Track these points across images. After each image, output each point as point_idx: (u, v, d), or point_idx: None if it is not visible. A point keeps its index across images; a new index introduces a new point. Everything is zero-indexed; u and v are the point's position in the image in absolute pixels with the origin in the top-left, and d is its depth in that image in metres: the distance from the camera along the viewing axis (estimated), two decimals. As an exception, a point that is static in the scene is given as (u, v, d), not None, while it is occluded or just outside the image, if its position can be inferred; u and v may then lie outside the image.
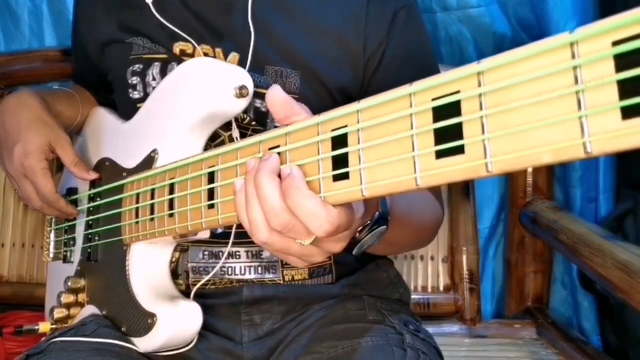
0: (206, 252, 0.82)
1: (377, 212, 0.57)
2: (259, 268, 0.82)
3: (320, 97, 0.80)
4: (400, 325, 0.74)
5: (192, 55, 0.83)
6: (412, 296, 1.04)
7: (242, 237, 0.80)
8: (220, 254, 0.81)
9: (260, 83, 0.79)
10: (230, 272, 0.81)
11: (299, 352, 0.73)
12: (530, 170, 1.43)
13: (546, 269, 1.47)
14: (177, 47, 0.83)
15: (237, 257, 0.82)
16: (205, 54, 0.82)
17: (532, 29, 1.44)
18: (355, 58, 0.80)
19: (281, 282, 0.82)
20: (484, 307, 1.49)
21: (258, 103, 0.79)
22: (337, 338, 0.70)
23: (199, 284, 0.79)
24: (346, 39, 0.79)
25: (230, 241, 0.78)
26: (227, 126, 0.77)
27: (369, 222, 0.57)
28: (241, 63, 0.80)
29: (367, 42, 0.79)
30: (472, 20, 1.48)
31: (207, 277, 0.80)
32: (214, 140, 0.78)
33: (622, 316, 1.30)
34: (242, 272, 0.82)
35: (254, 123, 0.79)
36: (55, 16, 1.55)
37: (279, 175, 0.48)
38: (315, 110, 0.79)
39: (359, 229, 0.57)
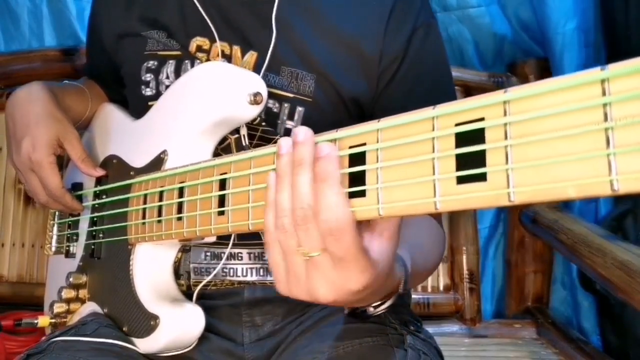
0: (208, 253, 0.82)
1: (399, 292, 0.56)
2: (261, 270, 0.82)
3: (332, 103, 0.80)
4: (401, 325, 0.74)
5: (208, 52, 0.82)
6: (412, 296, 1.04)
7: (245, 238, 0.80)
8: (222, 255, 0.81)
9: (275, 83, 0.79)
10: (232, 274, 0.81)
11: (299, 352, 0.73)
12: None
13: (546, 269, 1.48)
14: (194, 43, 0.83)
15: (239, 258, 0.81)
16: (222, 51, 0.81)
17: (532, 29, 1.45)
18: (370, 69, 0.80)
19: (282, 283, 0.82)
20: (484, 307, 1.50)
21: (270, 103, 0.79)
22: (338, 338, 0.70)
23: (200, 285, 0.79)
24: (363, 49, 0.79)
25: (231, 242, 0.78)
26: (235, 130, 0.76)
27: (387, 300, 0.56)
28: (259, 61, 0.80)
29: (383, 55, 0.79)
30: (472, 20, 1.49)
31: (208, 278, 0.80)
32: (220, 143, 0.78)
33: (622, 316, 1.30)
34: (244, 274, 0.81)
35: (264, 124, 0.79)
36: (55, 16, 1.55)
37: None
38: (327, 115, 0.79)
39: (374, 304, 0.56)
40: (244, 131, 0.76)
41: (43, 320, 0.84)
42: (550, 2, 1.34)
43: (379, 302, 0.56)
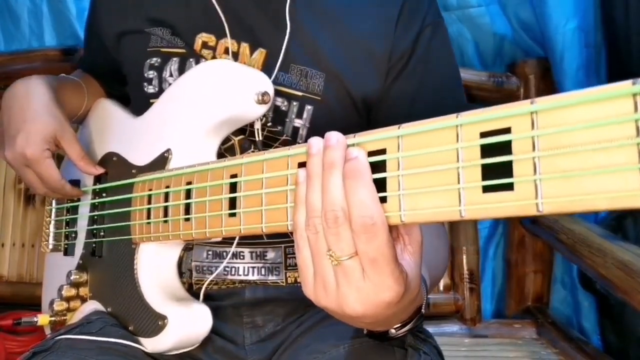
0: (210, 252, 0.82)
1: (422, 312, 0.55)
2: (263, 270, 0.82)
3: (342, 102, 0.80)
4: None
5: (214, 48, 0.81)
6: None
7: (247, 237, 0.80)
8: (224, 254, 0.81)
9: (285, 81, 0.78)
10: (233, 273, 0.81)
11: (300, 352, 0.73)
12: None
13: (546, 269, 1.48)
14: (200, 39, 0.82)
15: (241, 257, 0.81)
16: (229, 48, 0.80)
17: (532, 29, 1.45)
18: (380, 67, 0.79)
19: (284, 284, 0.82)
20: (484, 307, 1.50)
21: (279, 102, 0.78)
22: (339, 338, 0.70)
23: (205, 284, 0.79)
24: (374, 47, 0.79)
25: (235, 242, 0.78)
26: (238, 130, 0.76)
27: (409, 322, 0.55)
28: (268, 59, 0.79)
29: (392, 52, 0.79)
30: (472, 20, 1.48)
31: (211, 277, 0.80)
32: (223, 143, 0.77)
33: (622, 316, 1.30)
34: (246, 273, 0.81)
35: (269, 124, 0.79)
36: (55, 16, 1.54)
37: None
38: (336, 114, 0.79)
39: (396, 326, 0.55)
40: (258, 125, 0.76)
41: (43, 319, 0.84)
42: (550, 1, 1.34)
43: (400, 324, 0.55)
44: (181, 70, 0.82)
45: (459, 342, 1.40)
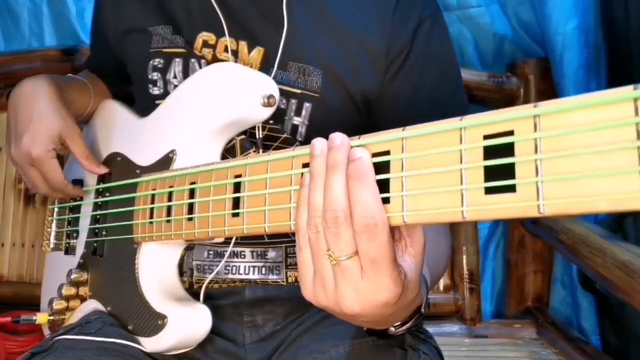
0: (211, 251, 0.82)
1: (422, 311, 0.55)
2: (263, 269, 0.82)
3: (340, 99, 0.80)
4: (401, 325, 0.74)
5: (214, 47, 0.82)
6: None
7: (248, 237, 0.80)
8: (225, 253, 0.81)
9: (283, 80, 0.79)
10: (234, 271, 0.81)
11: (300, 352, 0.73)
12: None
13: (546, 269, 1.48)
14: (200, 38, 0.83)
15: (242, 256, 0.82)
16: (228, 47, 0.81)
17: (532, 29, 1.45)
18: (378, 62, 0.79)
19: (284, 283, 0.82)
20: (484, 307, 1.50)
21: None
22: (338, 338, 0.70)
23: (205, 283, 0.79)
24: (371, 42, 0.79)
25: (232, 241, 0.79)
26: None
27: (409, 321, 0.55)
28: (266, 57, 0.80)
29: (390, 47, 0.79)
30: (472, 20, 1.49)
31: (211, 275, 0.80)
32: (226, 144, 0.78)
33: (622, 316, 1.30)
34: (246, 272, 0.82)
35: (271, 122, 0.79)
36: (55, 16, 1.55)
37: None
38: (335, 110, 0.79)
39: (396, 324, 0.55)
40: (258, 123, 0.76)
41: (42, 317, 0.84)
42: (550, 1, 1.34)
43: (399, 323, 0.55)
44: (185, 71, 0.83)
45: (459, 342, 1.40)
